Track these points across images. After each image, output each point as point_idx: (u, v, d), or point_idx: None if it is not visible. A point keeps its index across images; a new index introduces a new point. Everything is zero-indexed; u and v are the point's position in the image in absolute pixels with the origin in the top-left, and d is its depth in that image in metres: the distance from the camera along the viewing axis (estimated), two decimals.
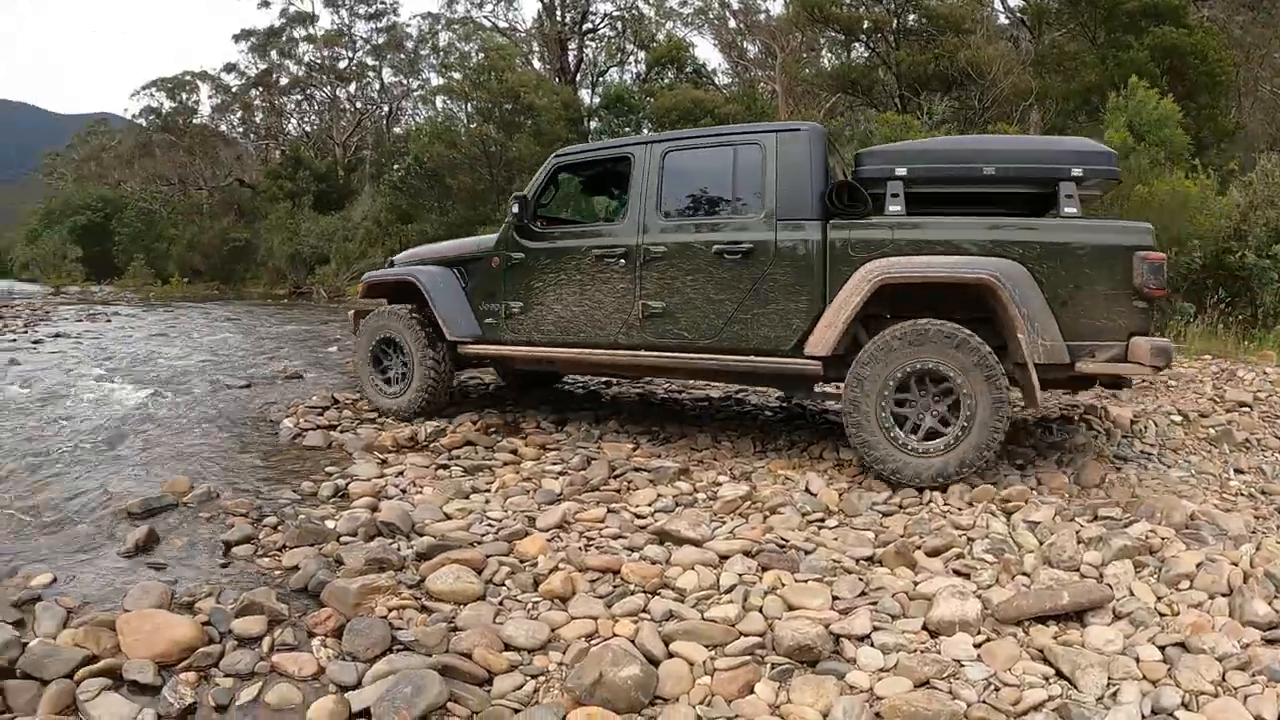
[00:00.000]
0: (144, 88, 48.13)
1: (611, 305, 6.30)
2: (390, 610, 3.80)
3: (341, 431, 7.07)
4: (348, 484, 5.64)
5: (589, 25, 39.65)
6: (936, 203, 5.86)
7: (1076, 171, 5.36)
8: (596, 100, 37.13)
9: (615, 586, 4.06)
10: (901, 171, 5.60)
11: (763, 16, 37.54)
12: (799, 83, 30.77)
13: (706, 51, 60.69)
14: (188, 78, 48.10)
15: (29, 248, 49.66)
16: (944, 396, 5.26)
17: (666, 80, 36.92)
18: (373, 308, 7.67)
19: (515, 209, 6.60)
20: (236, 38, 46.65)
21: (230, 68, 47.88)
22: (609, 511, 5.07)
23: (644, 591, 3.98)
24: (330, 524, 4.87)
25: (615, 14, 39.81)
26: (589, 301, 6.40)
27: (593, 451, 6.32)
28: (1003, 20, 28.48)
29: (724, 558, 4.32)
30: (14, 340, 14.68)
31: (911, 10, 25.26)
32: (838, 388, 5.84)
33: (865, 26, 25.85)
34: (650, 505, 5.19)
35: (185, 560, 4.48)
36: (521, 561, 4.35)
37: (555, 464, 6.08)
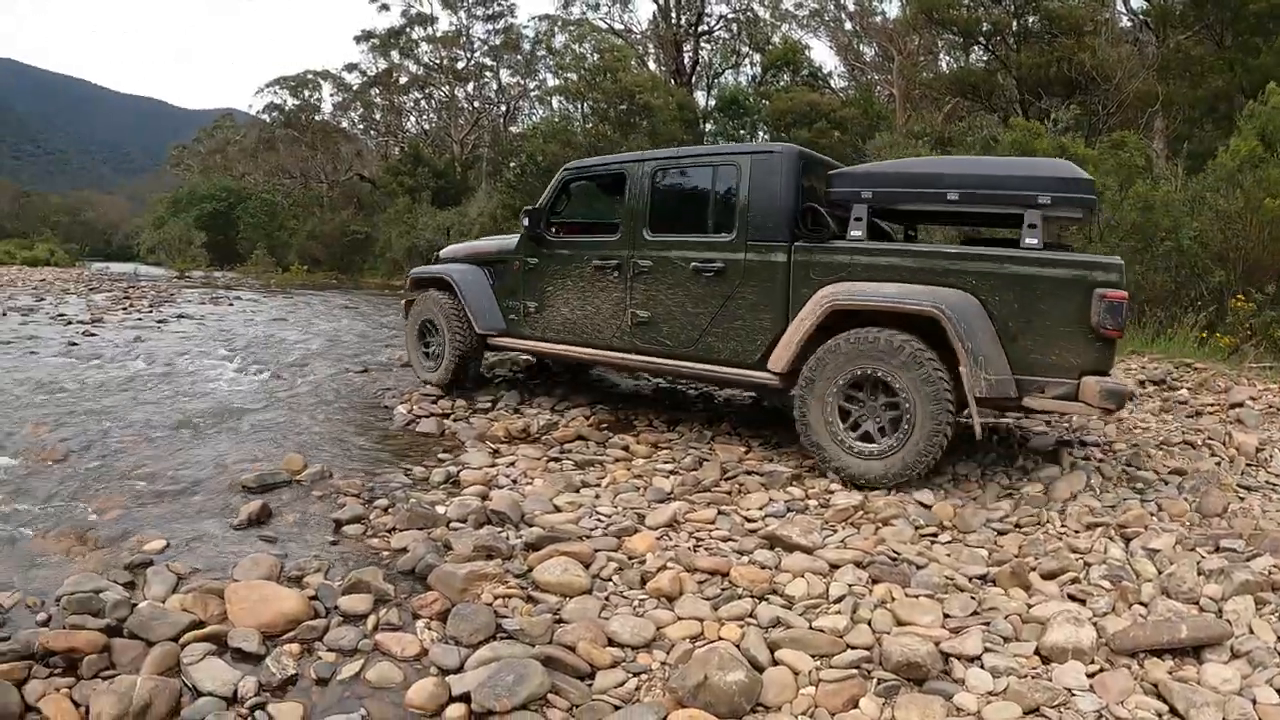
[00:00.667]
0: (268, 85, 50.51)
1: (608, 311, 6.85)
2: (496, 598, 3.85)
3: (454, 420, 7.31)
4: (459, 471, 5.78)
5: (704, 27, 39.67)
6: (926, 219, 6.28)
7: (1044, 199, 5.29)
8: (711, 102, 37.07)
9: (723, 589, 4.01)
10: (867, 195, 5.78)
11: (879, 18, 37.05)
12: (917, 86, 30.16)
13: (822, 54, 60.18)
14: (310, 76, 50.21)
15: (156, 233, 52.31)
16: (888, 403, 5.41)
17: (782, 83, 36.63)
18: (417, 297, 8.45)
19: (526, 221, 7.34)
20: (358, 39, 48.37)
21: (351, 67, 49.79)
22: (719, 513, 5.03)
23: (752, 596, 3.93)
24: (440, 509, 4.98)
25: (730, 16, 39.77)
26: (590, 307, 6.98)
27: (705, 452, 6.30)
28: (1125, 22, 27.31)
29: (834, 567, 4.23)
30: (140, 319, 15.59)
31: (1031, 12, 24.43)
32: None
33: (984, 29, 25.12)
34: (761, 509, 5.11)
35: (296, 535, 4.65)
36: (630, 558, 4.36)
37: (667, 463, 6.08)
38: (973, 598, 3.96)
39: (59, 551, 4.35)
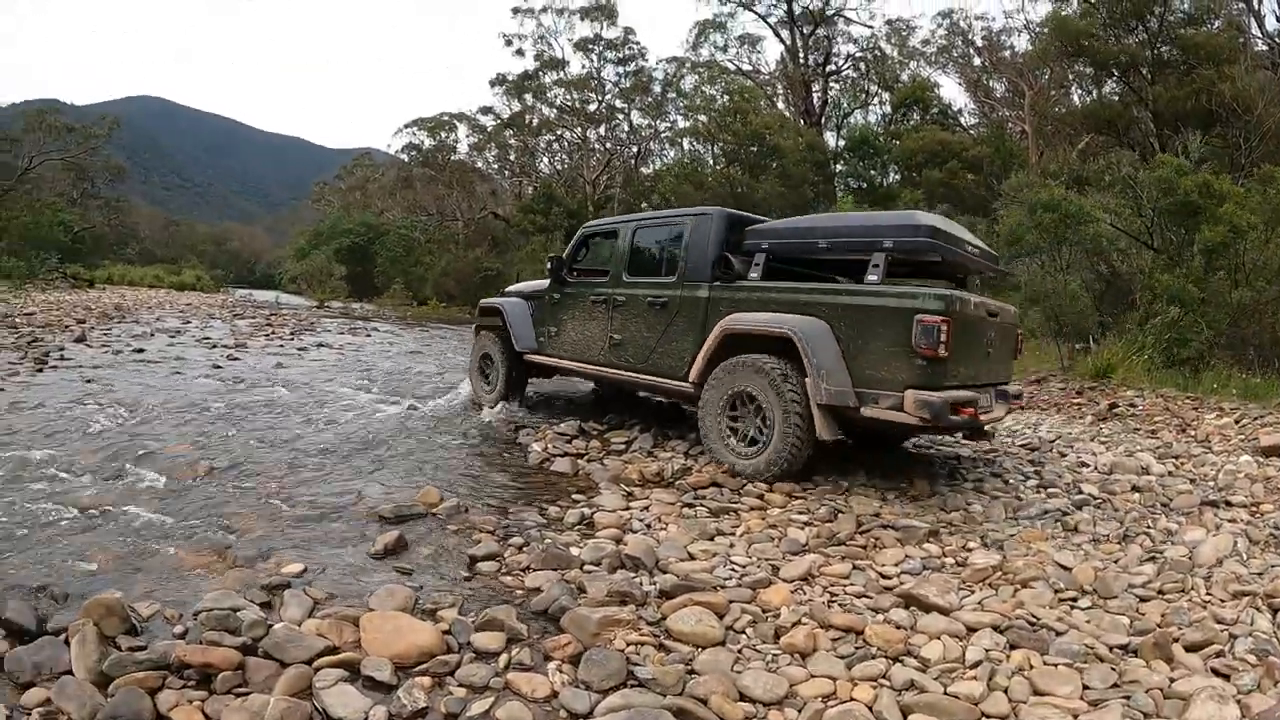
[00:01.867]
0: (406, 126, 52.54)
1: (596, 335, 8.61)
2: (629, 644, 3.81)
3: (588, 461, 7.38)
4: (593, 513, 5.79)
5: (832, 67, 39.66)
6: (813, 265, 7.60)
7: (887, 244, 6.38)
8: (841, 143, 36.84)
9: (857, 647, 3.90)
10: (765, 246, 7.26)
11: (1008, 53, 36.27)
12: (1049, 122, 29.38)
13: (952, 91, 59.16)
14: (446, 118, 52.01)
15: (297, 264, 54.68)
16: (758, 413, 6.69)
17: (912, 122, 36.21)
18: (486, 322, 10.32)
19: (550, 267, 9.29)
20: (492, 82, 50.10)
21: (486, 109, 51.46)
22: (854, 568, 4.94)
23: (886, 656, 3.82)
24: (575, 551, 4.98)
25: (858, 55, 39.67)
26: (587, 332, 8.75)
27: (840, 504, 6.20)
28: (1261, 47, 25.90)
29: (971, 630, 4.12)
30: (281, 346, 16.26)
31: (1167, 41, 23.46)
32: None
33: (1118, 60, 24.26)
34: (897, 566, 5.03)
35: (431, 568, 4.71)
36: (764, 611, 4.28)
37: (801, 513, 5.97)
38: (1113, 668, 3.78)
39: (198, 567, 4.50)
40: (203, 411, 8.74)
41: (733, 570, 4.82)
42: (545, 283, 9.57)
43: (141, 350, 14.43)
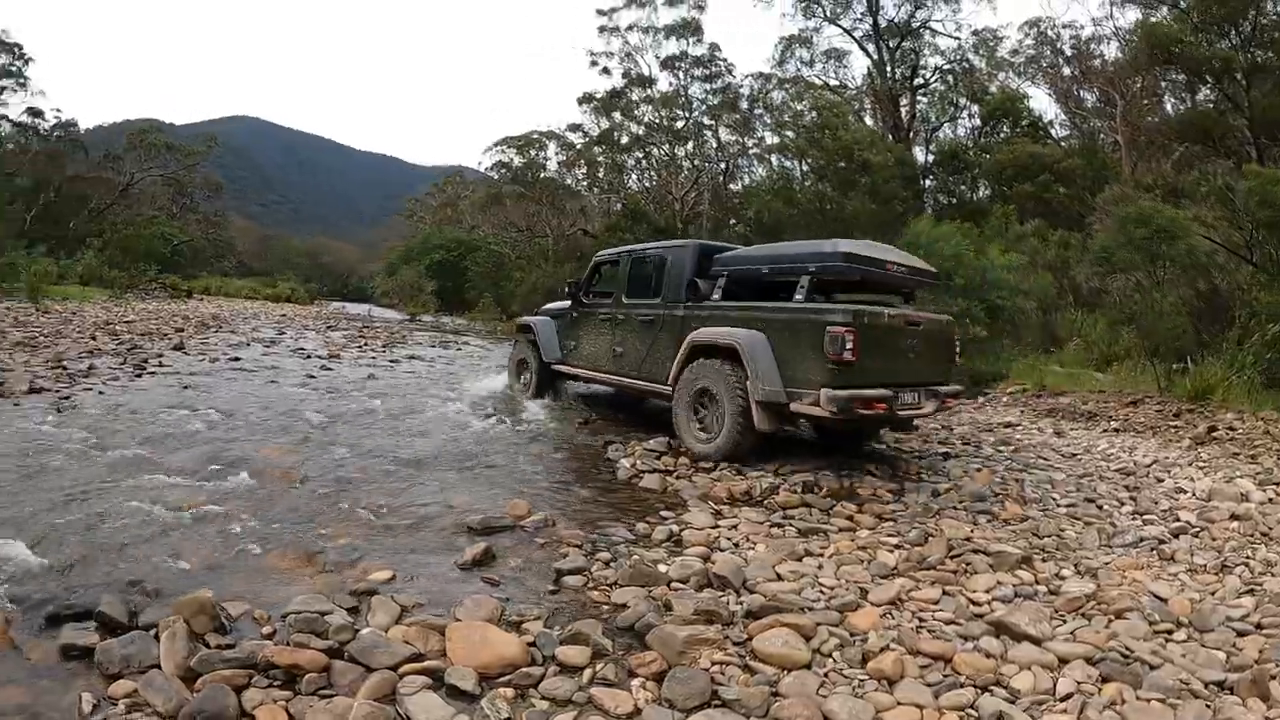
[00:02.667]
0: (495, 144, 53.19)
1: (604, 347, 10.21)
2: (714, 664, 3.78)
3: (677, 478, 7.38)
4: (681, 531, 5.77)
5: (919, 80, 38.98)
6: (761, 288, 8.52)
7: (811, 268, 7.73)
8: (930, 157, 36.26)
9: (945, 675, 3.84)
10: (724, 272, 8.69)
11: (1098, 61, 35.23)
12: (1142, 132, 28.47)
13: (1042, 102, 57.75)
14: (535, 136, 52.59)
15: (389, 279, 55.73)
16: (713, 407, 8.03)
17: (1002, 134, 35.46)
18: (522, 336, 12.17)
19: (569, 290, 11.21)
20: (580, 100, 50.36)
21: (575, 127, 51.76)
22: (944, 593, 4.85)
23: (975, 686, 3.75)
24: (662, 568, 4.96)
25: (945, 67, 38.91)
26: (597, 344, 10.36)
27: (931, 527, 6.11)
28: None
29: (1063, 661, 4.00)
30: (374, 358, 16.58)
31: (1262, 45, 22.46)
32: None
33: (1211, 66, 23.33)
34: (988, 592, 4.90)
35: (517, 580, 4.74)
36: (851, 635, 4.20)
37: (891, 535, 5.91)
38: (1208, 706, 3.65)
39: (288, 570, 4.61)
40: (297, 420, 8.96)
41: (820, 592, 4.78)
42: (564, 304, 11.39)
43: (238, 359, 14.84)
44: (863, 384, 7.09)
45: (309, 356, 16.22)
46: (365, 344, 20.08)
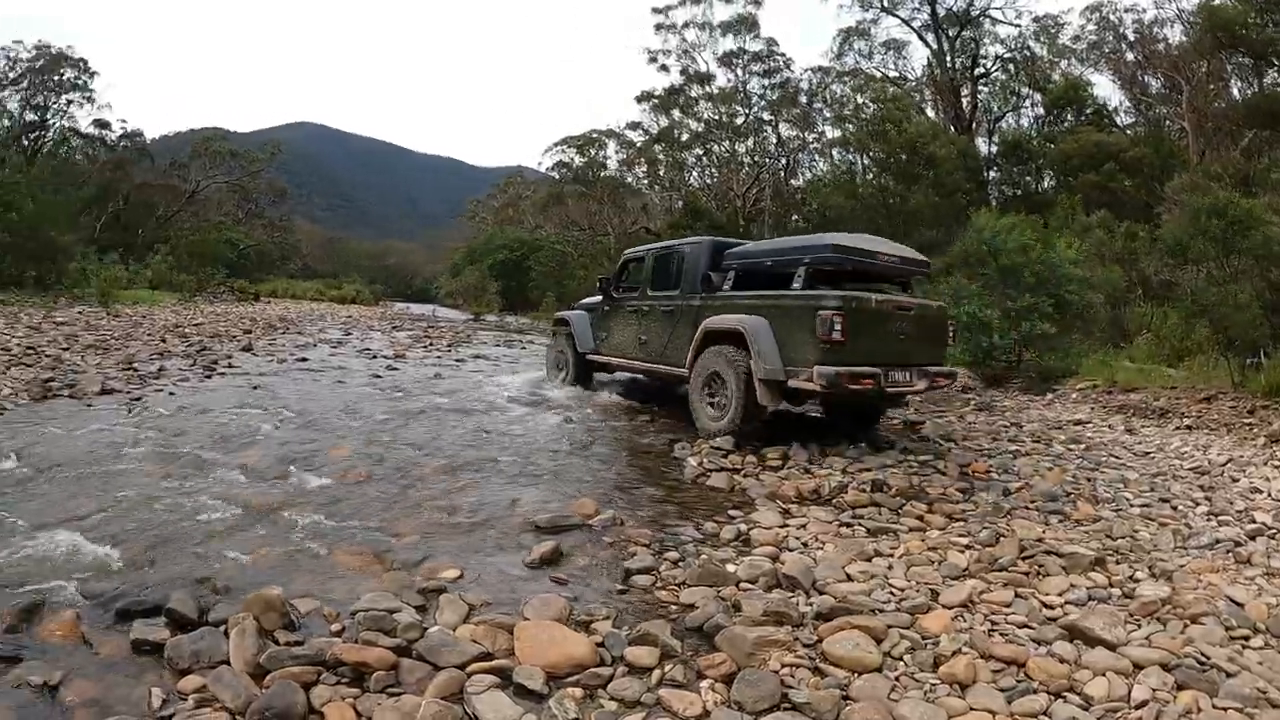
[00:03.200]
0: (555, 144, 53.56)
1: (631, 336, 11.12)
2: (783, 666, 3.73)
3: (744, 476, 7.31)
4: (750, 530, 5.72)
5: (980, 70, 38.29)
6: (766, 279, 9.13)
7: (806, 259, 8.49)
8: (994, 149, 35.64)
9: (1018, 681, 3.75)
10: (734, 265, 9.57)
11: (1162, 46, 34.22)
12: (1208, 118, 27.67)
13: (1105, 89, 56.12)
14: (595, 135, 52.79)
15: (452, 279, 56.37)
16: (723, 387, 8.80)
17: (1066, 123, 34.73)
18: (560, 329, 13.25)
19: (600, 285, 12.11)
20: (639, 98, 50.43)
21: (634, 125, 51.85)
22: (1016, 596, 4.73)
23: (1048, 692, 3.66)
24: (731, 568, 4.92)
25: (1006, 56, 38.14)
26: (626, 334, 11.31)
27: (1002, 528, 5.98)
28: None
29: (1138, 667, 3.88)
30: (439, 357, 16.77)
31: None
32: None
33: (1277, 48, 22.53)
34: (1061, 595, 4.77)
35: (585, 580, 4.74)
36: (923, 638, 4.12)
37: (962, 536, 5.80)
38: None
39: (357, 568, 4.64)
40: (364, 419, 9.08)
41: (891, 593, 4.71)
42: (599, 298, 12.33)
43: (305, 360, 15.13)
44: (852, 362, 7.85)
45: (375, 356, 16.45)
46: (430, 344, 20.30)
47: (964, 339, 14.10)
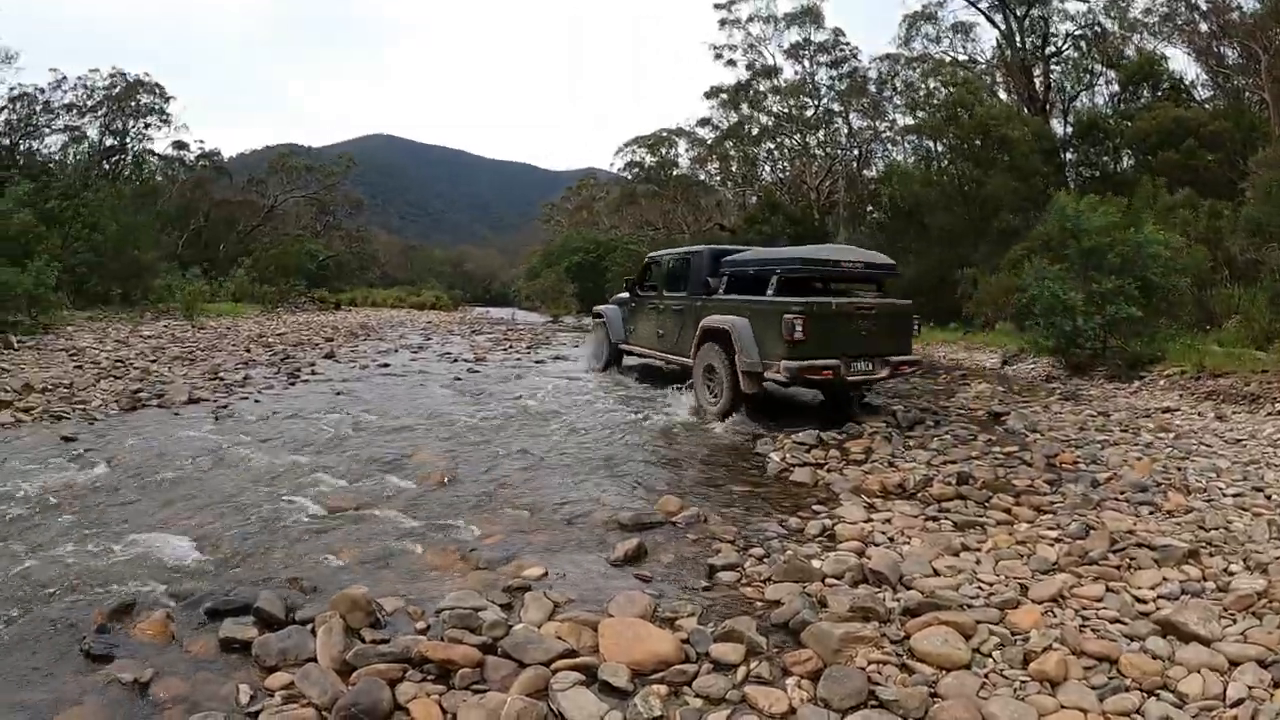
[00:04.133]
0: (626, 145, 53.80)
1: (652, 329, 12.89)
2: (870, 663, 3.67)
3: (828, 471, 7.25)
4: (835, 525, 5.66)
5: (1051, 48, 37.16)
6: (752, 286, 10.61)
7: (778, 270, 10.10)
8: (1069, 129, 34.73)
9: (1110, 678, 3.62)
10: (726, 271, 11.14)
11: (1236, 14, 32.80)
12: None
13: (1181, 62, 54.07)
14: (665, 134, 52.90)
15: (530, 283, 56.92)
16: (717, 376, 10.18)
17: (1142, 100, 33.62)
18: (597, 321, 15.54)
19: (626, 285, 14.05)
20: (707, 94, 50.39)
21: (704, 122, 51.78)
22: (1108, 590, 4.58)
23: (1141, 689, 3.53)
24: (816, 563, 4.87)
25: (1077, 33, 36.92)
26: (648, 328, 13.11)
27: (1091, 520, 5.80)
28: None
29: (1234, 663, 3.75)
30: (519, 359, 16.97)
31: None
32: None
33: None
34: (1153, 589, 4.59)
35: (670, 577, 4.73)
36: (1012, 634, 4.03)
37: (1051, 529, 5.66)
38: None
39: (442, 567, 4.71)
40: (447, 421, 9.23)
41: (979, 588, 4.59)
42: (624, 295, 14.33)
43: (387, 365, 15.42)
44: (814, 356, 9.28)
45: (455, 360, 16.71)
46: (510, 346, 20.52)
47: (1046, 324, 13.86)
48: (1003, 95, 38.22)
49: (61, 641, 3.71)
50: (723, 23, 48.30)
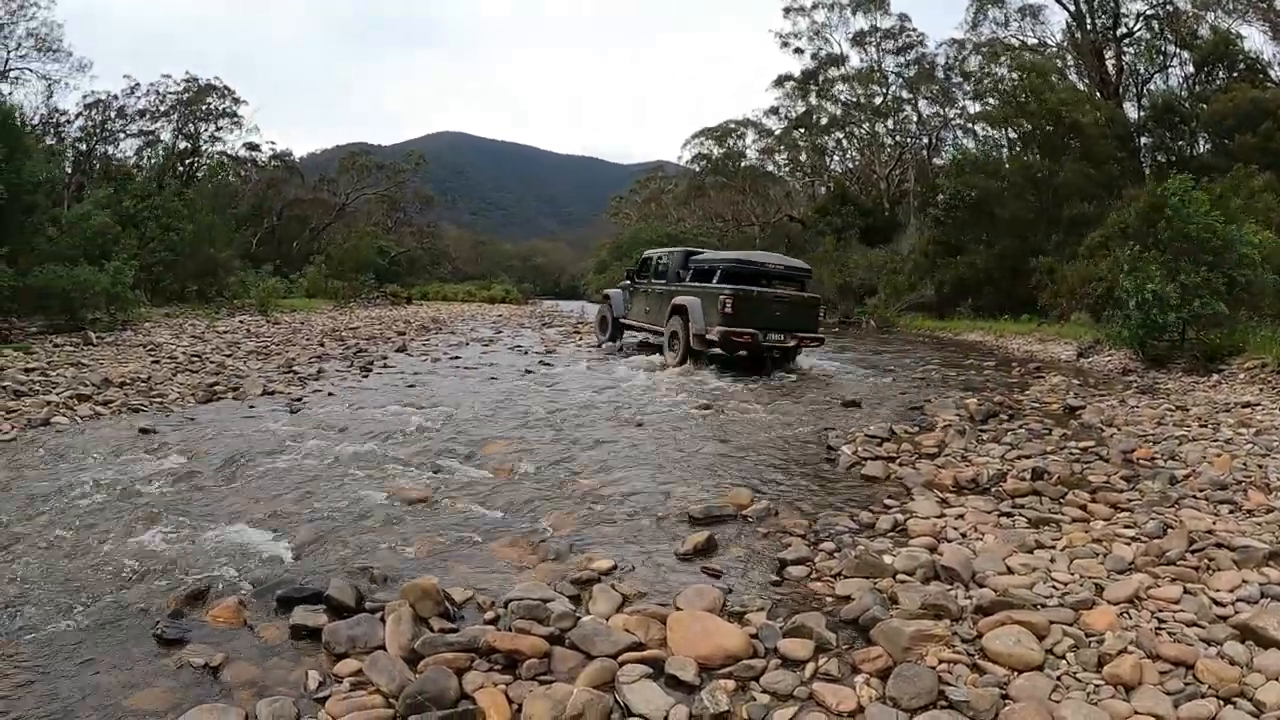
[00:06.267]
0: (693, 137, 54.17)
1: (642, 309, 17.35)
2: (941, 662, 3.61)
3: (900, 465, 7.16)
4: (906, 520, 5.59)
5: (1122, 29, 36.21)
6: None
7: (720, 267, 15.28)
8: (1142, 113, 33.82)
9: (1186, 683, 3.50)
10: (691, 266, 16.23)
11: None
12: None
13: (1256, 41, 51.86)
14: (732, 125, 52.93)
15: (599, 276, 57.16)
16: (677, 339, 15.04)
17: (1218, 81, 32.58)
18: (602, 301, 20.42)
19: (626, 274, 19.22)
20: (775, 83, 50.44)
21: (772, 111, 51.73)
22: (1185, 592, 4.41)
23: (1217, 696, 3.40)
24: (888, 559, 4.80)
25: (1149, 13, 35.82)
26: (639, 307, 17.59)
27: (1169, 518, 5.64)
28: None
29: None
30: (590, 352, 17.10)
31: None
32: None
33: None
34: (1232, 592, 4.40)
35: (739, 571, 4.71)
36: (1086, 635, 3.91)
37: (1127, 527, 5.50)
38: None
39: (512, 559, 4.76)
40: (518, 413, 9.31)
41: (1053, 587, 4.48)
42: (627, 282, 18.79)
43: (458, 358, 15.67)
44: (738, 326, 13.83)
45: (526, 353, 17.02)
46: (580, 339, 20.69)
47: (1143, 317, 13.55)
48: (1074, 79, 37.41)
49: (136, 625, 3.81)
50: (788, 10, 48.40)
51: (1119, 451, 7.55)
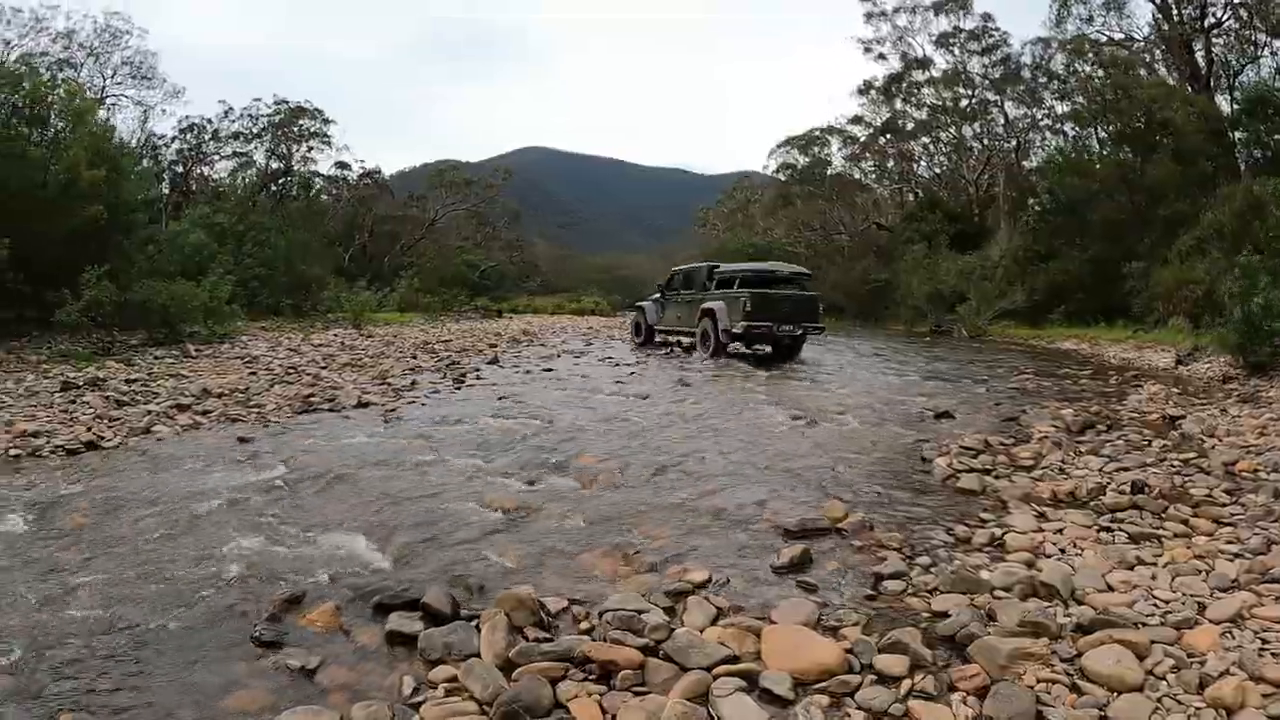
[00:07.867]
0: (779, 146, 53.76)
1: (675, 316, 21.18)
2: (1039, 681, 3.53)
3: (996, 477, 7.03)
4: (1004, 534, 5.48)
5: (1211, 19, 34.73)
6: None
7: (739, 275, 18.84)
8: (1236, 106, 32.58)
9: None
10: (715, 276, 19.72)
11: None
12: None
13: None
14: (817, 133, 52.52)
15: None
16: (707, 337, 18.79)
17: None
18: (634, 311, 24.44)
19: (659, 286, 22.49)
20: (860, 89, 49.89)
21: (857, 119, 51.18)
22: None
23: None
24: (984, 574, 4.71)
25: (1237, 1, 34.19)
26: (670, 314, 21.52)
27: (1274, 534, 5.40)
28: None
29: None
30: (680, 364, 17.20)
31: None
32: None
33: None
34: None
35: (834, 585, 4.67)
36: (1188, 656, 3.78)
37: (1230, 542, 5.30)
38: None
39: (606, 569, 4.79)
40: (611, 424, 9.35)
41: (1154, 605, 4.35)
42: (657, 294, 22.11)
43: (550, 369, 15.72)
44: (758, 321, 17.19)
45: (617, 365, 16.96)
46: (669, 351, 20.70)
47: (1237, 323, 13.15)
48: (1163, 73, 36.28)
49: (234, 628, 3.94)
50: (869, 16, 47.94)
51: (1220, 463, 7.28)
